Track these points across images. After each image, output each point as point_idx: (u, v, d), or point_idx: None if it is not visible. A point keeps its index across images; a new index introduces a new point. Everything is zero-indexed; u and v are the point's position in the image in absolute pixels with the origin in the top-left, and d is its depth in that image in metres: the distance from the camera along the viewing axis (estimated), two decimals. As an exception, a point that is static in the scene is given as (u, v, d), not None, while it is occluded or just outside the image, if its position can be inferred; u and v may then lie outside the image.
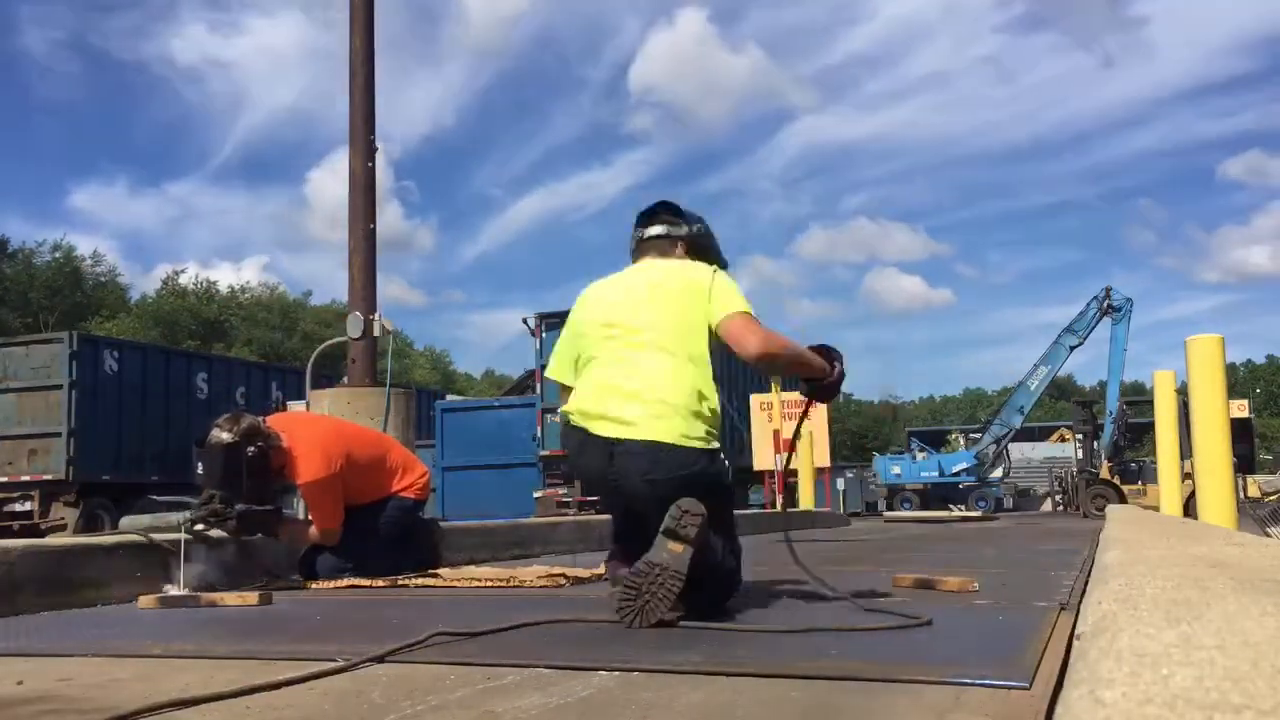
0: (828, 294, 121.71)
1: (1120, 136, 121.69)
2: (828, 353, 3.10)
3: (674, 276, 3.01)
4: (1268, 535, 11.44)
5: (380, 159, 8.36)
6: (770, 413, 17.16)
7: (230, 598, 3.49)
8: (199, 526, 4.02)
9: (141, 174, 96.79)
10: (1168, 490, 9.37)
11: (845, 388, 3.29)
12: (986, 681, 1.71)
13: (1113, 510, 10.61)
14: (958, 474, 25.04)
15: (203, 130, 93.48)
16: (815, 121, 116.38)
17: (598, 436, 2.84)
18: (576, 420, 2.91)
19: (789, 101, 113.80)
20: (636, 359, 2.92)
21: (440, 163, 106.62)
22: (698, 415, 2.83)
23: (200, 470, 4.17)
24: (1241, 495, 16.61)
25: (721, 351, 3.05)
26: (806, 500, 15.44)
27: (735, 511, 3.07)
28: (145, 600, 3.47)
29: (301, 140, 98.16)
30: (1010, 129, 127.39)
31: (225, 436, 4.09)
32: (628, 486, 2.83)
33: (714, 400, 2.90)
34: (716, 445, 2.86)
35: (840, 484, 29.04)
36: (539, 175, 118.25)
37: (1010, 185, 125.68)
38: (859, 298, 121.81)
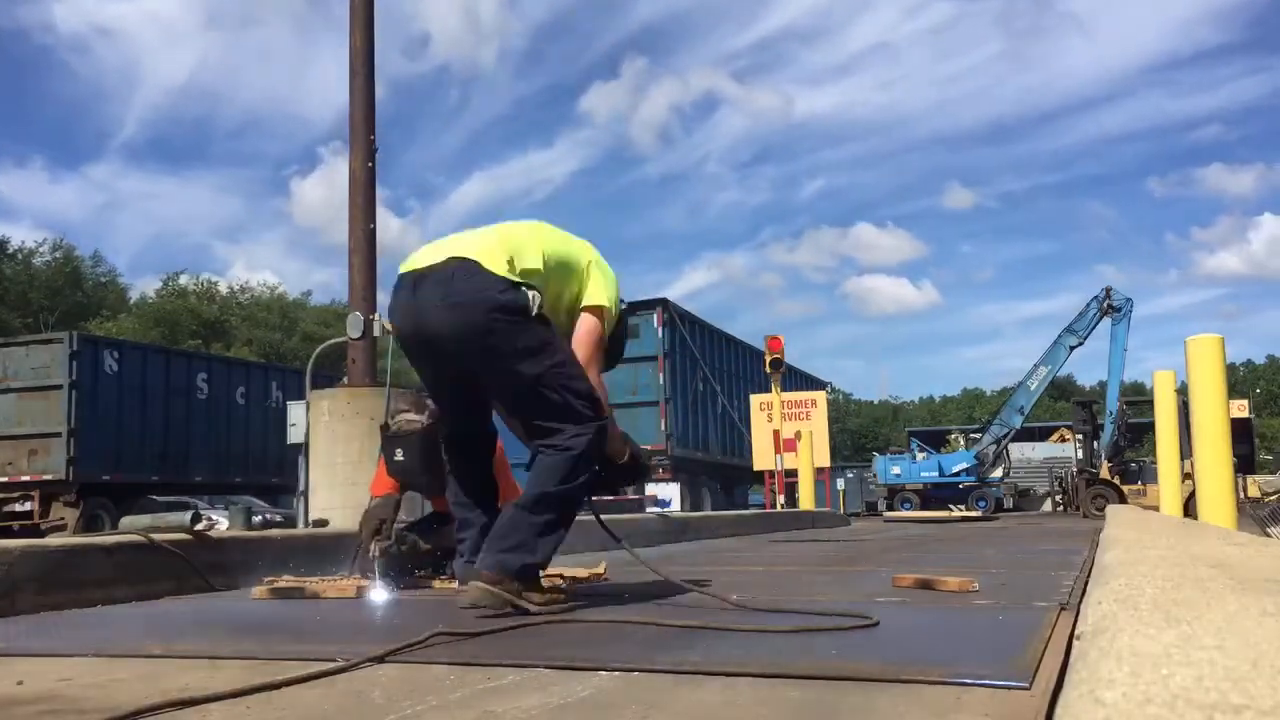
0: (806, 294, 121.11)
1: (1085, 116, 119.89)
2: (626, 437, 3.13)
3: (561, 239, 3.05)
4: (1268, 535, 11.44)
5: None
6: (770, 413, 17.16)
7: (330, 590, 3.55)
8: (374, 556, 3.71)
9: (54, 155, 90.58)
10: (1168, 490, 9.39)
11: (845, 387, 3.29)
12: (987, 681, 1.71)
13: (1113, 510, 10.60)
14: (957, 474, 25.00)
15: (99, 106, 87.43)
16: (758, 100, 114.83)
17: (405, 273, 2.90)
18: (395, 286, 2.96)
19: (728, 84, 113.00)
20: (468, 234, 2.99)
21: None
22: (510, 261, 2.82)
23: (399, 458, 3.76)
24: (1241, 495, 16.63)
25: (719, 356, 3.05)
26: (806, 500, 15.45)
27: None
28: (259, 591, 3.58)
29: (208, 116, 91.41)
30: (968, 108, 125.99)
31: (421, 420, 3.73)
32: (429, 323, 2.84)
33: (533, 264, 2.87)
34: (522, 284, 2.81)
35: (840, 484, 29.09)
36: (476, 158, 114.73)
37: (973, 171, 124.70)
38: (835, 299, 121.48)
